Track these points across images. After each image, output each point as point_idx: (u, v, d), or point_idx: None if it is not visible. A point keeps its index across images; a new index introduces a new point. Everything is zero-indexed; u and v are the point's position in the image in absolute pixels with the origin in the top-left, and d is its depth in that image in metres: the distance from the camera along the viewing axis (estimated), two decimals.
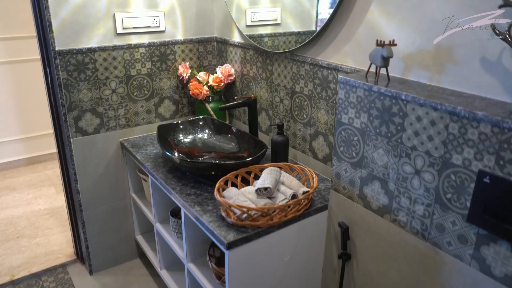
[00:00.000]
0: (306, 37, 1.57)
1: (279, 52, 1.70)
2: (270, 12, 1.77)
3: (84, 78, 1.82)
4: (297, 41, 1.63)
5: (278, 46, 1.74)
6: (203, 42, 2.12)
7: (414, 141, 1.04)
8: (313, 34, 1.54)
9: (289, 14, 1.66)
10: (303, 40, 1.60)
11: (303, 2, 1.59)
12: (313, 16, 1.54)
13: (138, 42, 1.92)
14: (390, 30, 1.23)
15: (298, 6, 1.61)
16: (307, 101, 1.61)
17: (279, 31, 1.75)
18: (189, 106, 2.18)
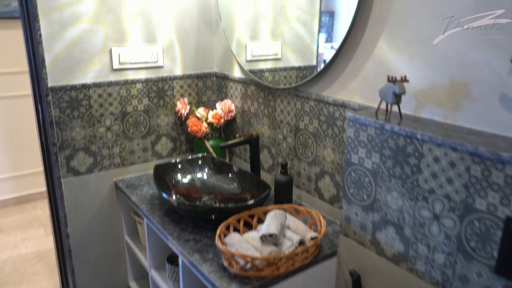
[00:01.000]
0: (307, 72, 1.57)
1: (282, 88, 1.68)
2: (271, 46, 1.77)
3: (77, 115, 1.78)
4: (298, 76, 1.62)
5: (279, 81, 1.73)
6: (203, 77, 2.10)
7: (432, 184, 0.99)
8: (314, 69, 1.54)
9: (289, 48, 1.66)
10: (304, 74, 1.59)
11: (303, 37, 1.59)
12: (313, 50, 1.54)
13: (135, 78, 1.89)
14: (400, 65, 1.20)
15: (299, 41, 1.61)
16: (312, 139, 1.57)
17: (279, 65, 1.74)
18: (188, 143, 2.13)
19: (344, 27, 1.40)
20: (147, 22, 1.87)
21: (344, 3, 1.41)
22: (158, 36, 1.92)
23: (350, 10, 1.37)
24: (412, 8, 1.14)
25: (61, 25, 1.67)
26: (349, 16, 1.36)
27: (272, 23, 1.74)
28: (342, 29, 1.40)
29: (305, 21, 1.57)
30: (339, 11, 1.43)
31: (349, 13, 1.37)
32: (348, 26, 1.32)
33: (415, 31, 1.14)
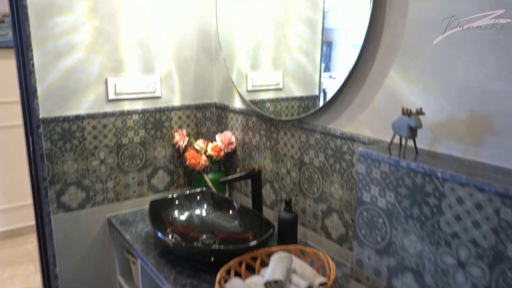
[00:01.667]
0: (309, 102, 1.53)
1: (285, 120, 1.60)
2: (272, 76, 1.73)
3: (70, 148, 1.70)
4: (300, 106, 1.57)
5: (280, 112, 1.68)
6: (202, 108, 2.04)
7: (456, 227, 0.90)
8: (316, 99, 1.50)
9: (291, 78, 1.62)
10: (306, 105, 1.55)
11: (305, 67, 1.54)
12: (316, 80, 1.50)
13: (132, 109, 1.82)
14: (413, 96, 1.13)
15: (301, 70, 1.57)
16: (318, 174, 1.48)
17: (281, 96, 1.69)
18: (186, 176, 2.04)
19: (342, 57, 1.42)
20: (145, 51, 1.82)
21: (341, 33, 1.40)
22: (156, 65, 1.86)
23: (349, 41, 1.38)
24: (425, 37, 1.08)
25: (55, 54, 1.61)
26: (347, 46, 1.37)
27: (274, 53, 1.70)
28: (340, 59, 1.42)
29: (307, 50, 1.54)
30: (337, 41, 1.43)
31: (347, 43, 1.39)
32: (349, 56, 1.26)
33: (429, 61, 1.08)
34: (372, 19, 1.21)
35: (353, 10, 1.36)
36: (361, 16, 1.27)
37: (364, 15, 1.22)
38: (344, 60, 1.40)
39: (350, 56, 1.35)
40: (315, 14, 1.48)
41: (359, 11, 1.30)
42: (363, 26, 1.22)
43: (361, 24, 1.24)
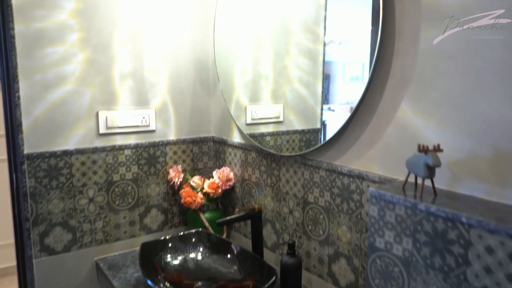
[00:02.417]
0: (311, 136, 1.50)
1: (287, 156, 1.52)
2: (272, 109, 1.68)
3: (56, 185, 1.60)
4: (301, 140, 1.53)
5: (281, 146, 1.62)
6: (198, 142, 1.96)
7: (485, 280, 0.80)
8: (318, 132, 1.46)
9: (292, 111, 1.57)
10: (308, 138, 1.51)
11: (306, 99, 1.50)
12: (317, 113, 1.47)
13: (124, 143, 1.74)
14: (428, 131, 1.05)
15: (302, 102, 1.52)
16: (324, 214, 1.38)
17: (282, 129, 1.64)
18: (181, 215, 1.94)
19: (341, 89, 1.42)
20: (139, 83, 1.75)
21: (339, 66, 1.40)
22: (150, 97, 1.79)
23: (347, 73, 1.39)
24: (441, 67, 1.01)
25: (43, 86, 1.54)
26: (346, 78, 1.39)
27: (273, 84, 1.66)
28: (339, 91, 1.42)
29: (308, 82, 1.50)
30: (335, 73, 1.42)
31: (345, 76, 1.40)
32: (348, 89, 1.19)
33: (446, 93, 1.00)
34: (381, 49, 1.14)
35: (351, 44, 1.37)
36: (359, 49, 1.32)
37: (363, 48, 1.24)
38: (343, 92, 1.41)
39: (349, 88, 1.39)
40: (316, 45, 1.45)
41: (357, 44, 1.34)
42: (362, 59, 1.21)
43: (360, 57, 1.28)
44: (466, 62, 0.95)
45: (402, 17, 1.10)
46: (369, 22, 1.19)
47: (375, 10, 1.18)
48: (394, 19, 1.11)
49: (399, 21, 1.10)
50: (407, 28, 1.09)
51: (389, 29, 1.13)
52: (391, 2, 1.12)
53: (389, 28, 1.13)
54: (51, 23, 1.53)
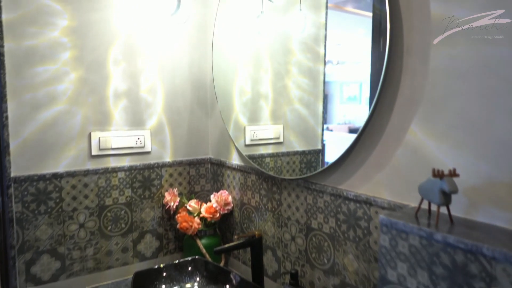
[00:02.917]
0: (312, 157, 1.47)
1: (288, 179, 1.45)
2: (272, 129, 1.64)
3: (44, 210, 1.53)
4: (302, 161, 1.51)
5: (281, 168, 1.58)
6: (196, 164, 1.89)
7: None
8: (319, 153, 1.43)
9: (292, 131, 1.55)
10: (308, 160, 1.49)
11: (307, 119, 1.48)
12: (318, 133, 1.45)
13: (117, 165, 1.67)
14: (442, 154, 0.99)
15: (302, 123, 1.50)
16: (329, 242, 1.31)
17: (282, 150, 1.60)
18: (176, 241, 1.86)
19: (338, 109, 1.44)
20: (134, 103, 1.70)
21: (336, 86, 1.41)
22: (146, 118, 1.73)
23: (344, 93, 1.42)
24: (455, 86, 0.95)
25: (33, 106, 1.48)
26: (343, 98, 1.42)
27: (273, 104, 1.62)
28: (337, 111, 1.43)
29: (308, 102, 1.48)
30: (332, 93, 1.42)
31: (342, 96, 1.43)
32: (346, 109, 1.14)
33: (460, 114, 0.95)
34: (388, 67, 1.09)
35: (348, 64, 1.39)
36: (357, 69, 1.36)
37: (361, 68, 1.27)
38: (341, 112, 1.43)
39: (347, 108, 1.42)
40: (316, 65, 1.43)
41: (355, 64, 1.37)
42: (359, 79, 1.26)
43: (358, 77, 1.33)
44: (481, 80, 0.90)
45: (410, 34, 1.05)
46: (369, 42, 1.17)
47: (375, 29, 1.16)
48: (402, 36, 1.07)
49: (408, 38, 1.06)
50: (416, 46, 1.04)
51: (397, 46, 1.08)
52: (398, 18, 1.07)
53: (397, 46, 1.08)
54: (43, 40, 1.48)
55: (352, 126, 1.40)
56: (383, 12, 1.08)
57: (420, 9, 1.02)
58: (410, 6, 1.04)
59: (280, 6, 1.55)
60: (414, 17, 1.04)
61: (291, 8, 1.49)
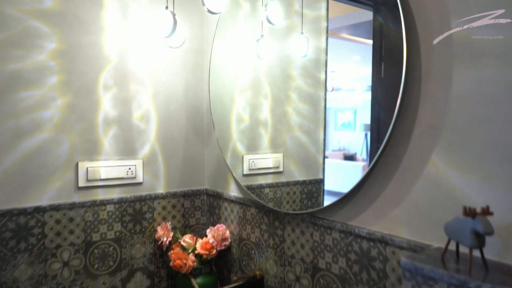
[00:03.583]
0: (313, 187, 1.42)
1: (292, 213, 1.34)
2: (271, 158, 1.58)
3: (24, 248, 1.40)
4: (302, 192, 1.45)
5: (281, 199, 1.51)
6: (190, 195, 1.78)
7: None
8: (320, 183, 1.38)
9: (292, 160, 1.50)
10: (309, 190, 1.43)
11: (307, 147, 1.44)
12: (319, 162, 1.40)
13: (106, 198, 1.56)
14: (469, 189, 0.89)
15: (302, 151, 1.46)
16: (338, 284, 1.19)
17: (281, 180, 1.55)
18: (169, 279, 1.72)
19: (333, 135, 1.39)
20: (126, 131, 1.60)
21: (331, 113, 1.38)
22: (138, 146, 1.63)
23: (339, 120, 1.40)
24: (482, 113, 0.86)
25: (15, 134, 1.38)
26: (338, 124, 1.40)
27: (273, 132, 1.57)
28: (332, 137, 1.39)
29: (309, 129, 1.44)
30: (328, 120, 1.39)
31: (337, 122, 1.41)
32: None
33: (489, 143, 0.86)
34: (405, 93, 1.01)
35: (343, 91, 1.38)
36: (352, 95, 1.36)
37: (355, 94, 1.33)
38: (336, 138, 1.41)
39: (341, 135, 1.41)
40: (317, 91, 1.39)
41: (349, 91, 1.37)
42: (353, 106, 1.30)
43: (352, 103, 1.35)
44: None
45: (429, 58, 0.97)
46: (365, 68, 1.15)
47: (376, 55, 1.14)
48: (420, 60, 0.99)
49: (426, 62, 0.98)
50: (436, 70, 0.95)
51: (414, 71, 0.99)
52: (415, 40, 0.99)
53: (414, 70, 0.99)
54: (28, 64, 1.39)
55: (347, 153, 1.39)
56: (397, 34, 1.00)
57: (440, 29, 0.94)
58: (429, 27, 0.96)
59: (280, 29, 1.50)
60: (433, 38, 0.95)
61: (291, 32, 1.45)
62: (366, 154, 1.32)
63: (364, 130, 1.34)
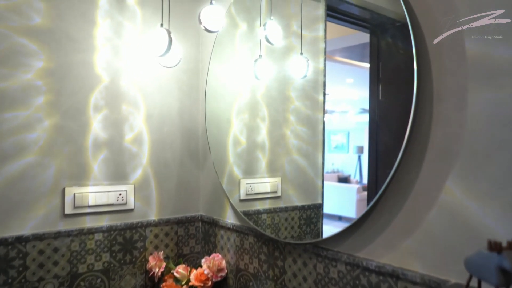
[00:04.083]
0: (312, 212, 1.39)
1: (294, 243, 1.27)
2: (269, 182, 1.55)
3: (4, 282, 1.31)
4: (301, 217, 1.42)
5: (279, 225, 1.47)
6: (184, 222, 1.71)
7: None
8: (319, 208, 1.35)
9: (290, 184, 1.48)
10: (308, 215, 1.40)
11: (306, 170, 1.41)
12: (318, 186, 1.36)
13: (94, 226, 1.47)
14: (488, 219, 0.82)
15: (301, 175, 1.43)
16: None
17: (279, 205, 1.51)
18: None
19: (327, 158, 1.35)
20: (116, 154, 1.53)
21: (325, 136, 1.36)
22: (129, 171, 1.55)
23: (332, 142, 1.41)
24: (502, 136, 0.80)
25: None
26: (331, 146, 1.40)
27: (270, 155, 1.53)
28: (325, 160, 1.35)
29: (307, 152, 1.42)
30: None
31: (330, 144, 1.40)
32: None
33: (510, 169, 0.79)
34: (416, 116, 0.95)
35: (336, 113, 1.39)
36: (345, 118, 1.39)
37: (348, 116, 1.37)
38: (329, 161, 1.38)
39: (334, 157, 1.40)
40: (315, 113, 1.38)
41: (342, 113, 1.39)
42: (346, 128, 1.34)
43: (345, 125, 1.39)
44: None
45: (442, 77, 0.91)
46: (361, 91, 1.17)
47: (373, 77, 1.13)
48: (431, 80, 0.93)
49: (438, 82, 0.92)
50: (449, 90, 0.90)
51: (425, 91, 0.94)
52: (425, 60, 0.94)
53: (425, 91, 0.94)
54: (14, 83, 1.33)
55: (341, 175, 1.42)
56: (407, 52, 0.95)
57: (453, 48, 0.89)
58: (440, 45, 0.91)
59: (278, 50, 1.47)
60: (445, 57, 0.90)
61: (290, 52, 1.42)
62: (359, 176, 1.36)
63: (357, 152, 1.37)
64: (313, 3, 1.37)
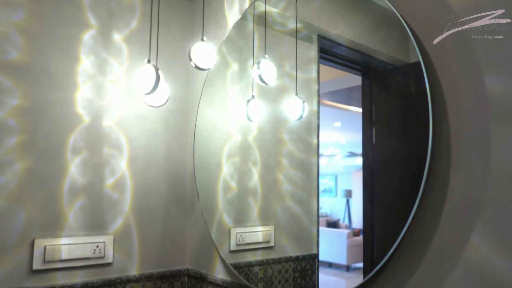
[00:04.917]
0: (307, 263, 1.36)
1: None
2: (261, 232, 1.52)
3: None
4: (295, 270, 1.38)
5: (272, 278, 1.42)
6: (169, 277, 1.61)
7: None
8: (315, 259, 1.32)
9: (284, 233, 1.45)
10: (303, 267, 1.36)
11: (300, 218, 1.39)
12: (313, 235, 1.32)
13: (67, 283, 1.37)
14: None
15: (294, 222, 1.41)
16: None
17: (272, 256, 1.47)
18: None
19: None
20: (95, 201, 1.45)
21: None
22: (108, 220, 1.47)
23: (320, 186, 1.35)
24: None
25: None
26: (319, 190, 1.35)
27: (262, 202, 1.51)
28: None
29: (301, 198, 1.40)
30: None
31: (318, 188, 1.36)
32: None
33: None
34: (432, 162, 0.87)
35: (323, 157, 1.37)
36: (332, 160, 1.41)
37: (336, 159, 1.39)
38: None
39: (322, 201, 1.36)
40: (309, 156, 1.36)
41: (330, 156, 1.41)
42: (334, 172, 1.39)
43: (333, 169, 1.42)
44: None
45: (459, 119, 0.85)
46: (349, 134, 1.21)
47: (366, 120, 1.13)
48: (448, 122, 0.86)
49: (455, 124, 0.85)
50: (468, 133, 0.82)
51: (441, 134, 0.87)
52: (440, 99, 0.87)
53: (440, 134, 0.87)
54: None
55: (330, 219, 1.44)
56: (419, 89, 0.90)
57: (471, 85, 0.82)
58: (455, 82, 0.84)
59: (271, 90, 1.45)
60: (463, 96, 0.83)
61: (283, 94, 1.42)
62: (348, 220, 1.39)
63: (345, 196, 1.40)
64: (305, 44, 1.37)
